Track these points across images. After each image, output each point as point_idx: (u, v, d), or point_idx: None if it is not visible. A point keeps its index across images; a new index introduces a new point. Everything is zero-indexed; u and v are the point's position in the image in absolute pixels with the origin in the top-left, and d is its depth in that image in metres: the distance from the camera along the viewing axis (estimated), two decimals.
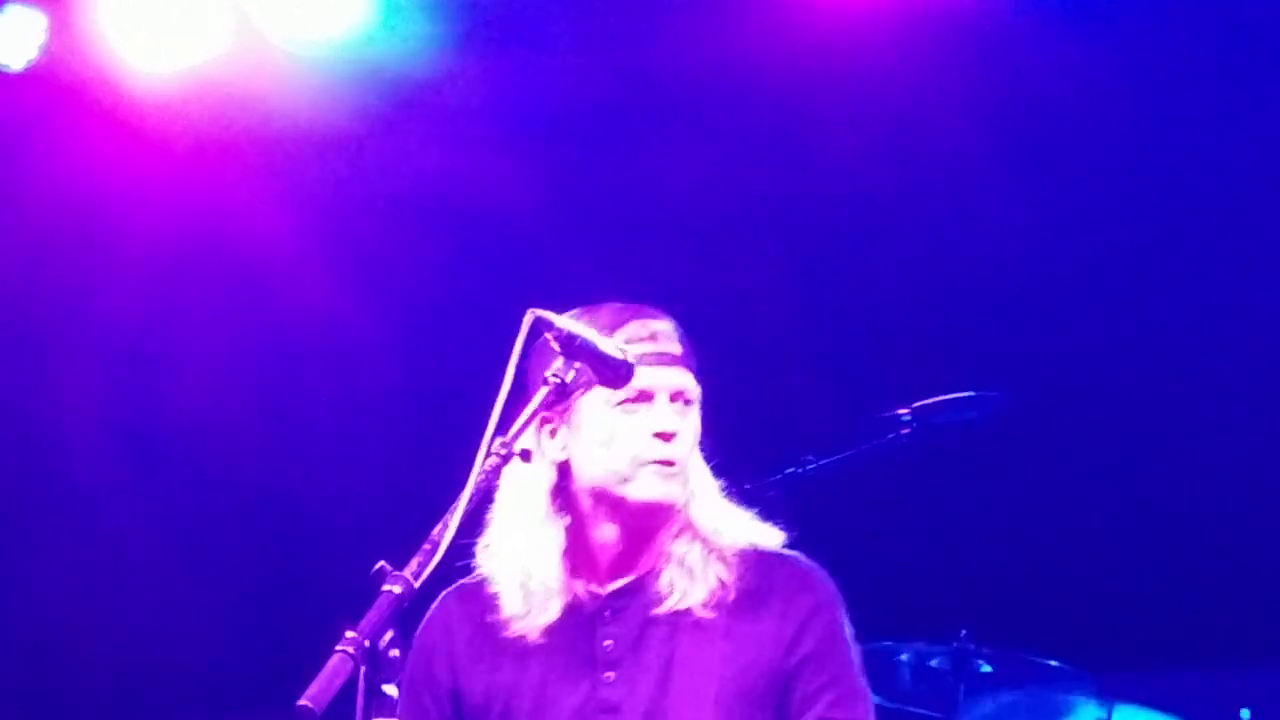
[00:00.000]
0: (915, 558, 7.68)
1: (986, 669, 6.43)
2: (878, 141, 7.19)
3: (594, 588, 3.62)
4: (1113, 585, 7.92)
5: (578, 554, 3.64)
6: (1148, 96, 7.08)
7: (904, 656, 6.27)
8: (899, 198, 7.36)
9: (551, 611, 3.58)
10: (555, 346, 3.39)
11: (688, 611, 3.56)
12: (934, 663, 6.42)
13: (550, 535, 3.61)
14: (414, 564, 3.08)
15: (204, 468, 7.98)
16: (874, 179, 7.31)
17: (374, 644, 2.96)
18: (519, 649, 3.58)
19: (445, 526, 3.13)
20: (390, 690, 2.99)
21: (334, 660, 2.93)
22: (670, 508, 3.60)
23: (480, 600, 3.64)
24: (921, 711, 6.16)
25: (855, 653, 3.68)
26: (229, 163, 7.24)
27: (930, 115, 7.15)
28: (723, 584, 3.58)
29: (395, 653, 2.99)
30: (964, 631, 6.40)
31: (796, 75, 7.09)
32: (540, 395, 3.36)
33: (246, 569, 8.07)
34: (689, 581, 3.57)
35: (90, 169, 7.20)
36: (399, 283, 7.62)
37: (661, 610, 3.56)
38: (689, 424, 3.65)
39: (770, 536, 3.72)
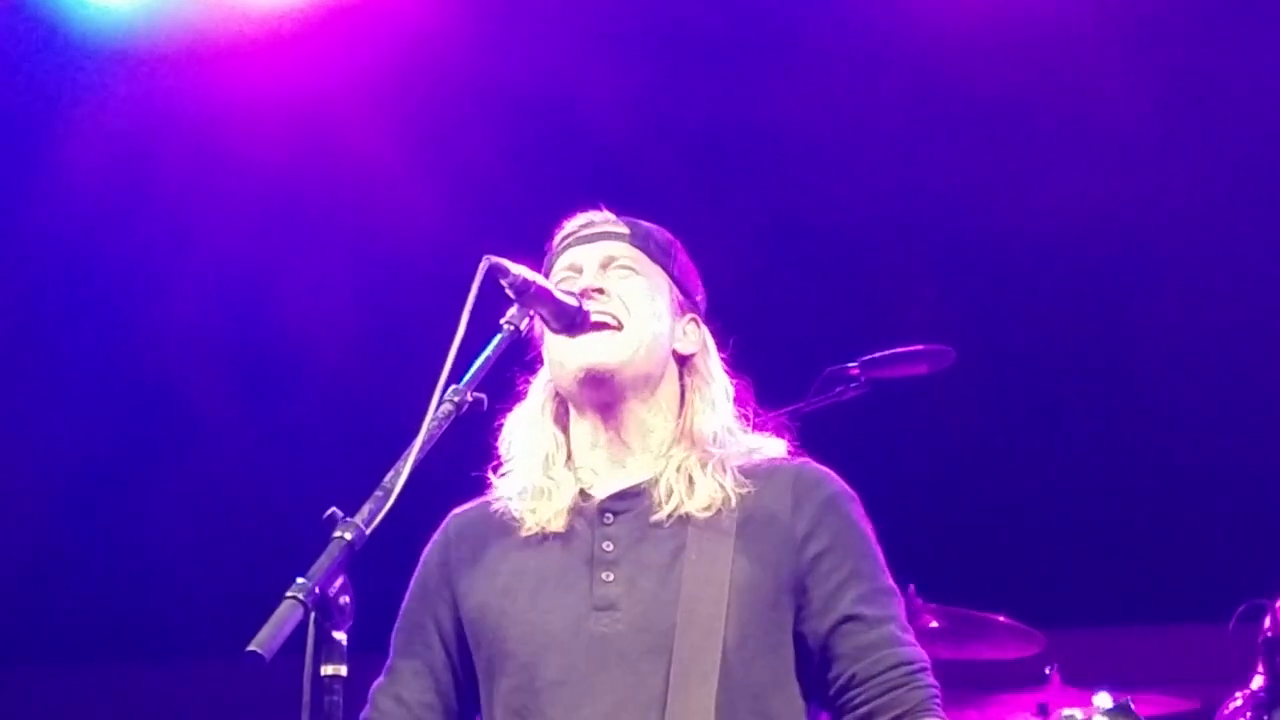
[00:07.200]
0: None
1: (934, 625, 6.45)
2: (827, 97, 7.18)
3: (593, 494, 3.55)
4: (1062, 541, 7.96)
5: (574, 461, 3.59)
6: (1093, 53, 7.10)
7: None
8: (848, 149, 7.36)
9: (558, 503, 3.50)
10: (510, 294, 3.36)
11: (690, 516, 3.44)
12: None
13: (551, 439, 3.59)
14: (365, 511, 3.04)
15: (154, 411, 7.94)
16: (824, 130, 7.30)
17: (324, 590, 2.93)
18: (517, 557, 3.51)
19: (397, 473, 3.10)
20: (340, 637, 2.96)
21: (284, 606, 2.89)
22: (613, 373, 3.50)
23: (480, 517, 3.60)
24: None
25: (877, 550, 3.52)
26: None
27: (879, 71, 7.14)
28: (725, 492, 3.46)
29: (346, 599, 2.96)
30: (911, 587, 6.41)
31: (744, 37, 7.08)
32: (495, 342, 3.33)
33: (195, 515, 8.03)
34: (688, 487, 3.46)
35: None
36: (358, 222, 7.58)
37: (662, 515, 3.46)
38: (629, 286, 3.57)
39: (775, 446, 3.62)
